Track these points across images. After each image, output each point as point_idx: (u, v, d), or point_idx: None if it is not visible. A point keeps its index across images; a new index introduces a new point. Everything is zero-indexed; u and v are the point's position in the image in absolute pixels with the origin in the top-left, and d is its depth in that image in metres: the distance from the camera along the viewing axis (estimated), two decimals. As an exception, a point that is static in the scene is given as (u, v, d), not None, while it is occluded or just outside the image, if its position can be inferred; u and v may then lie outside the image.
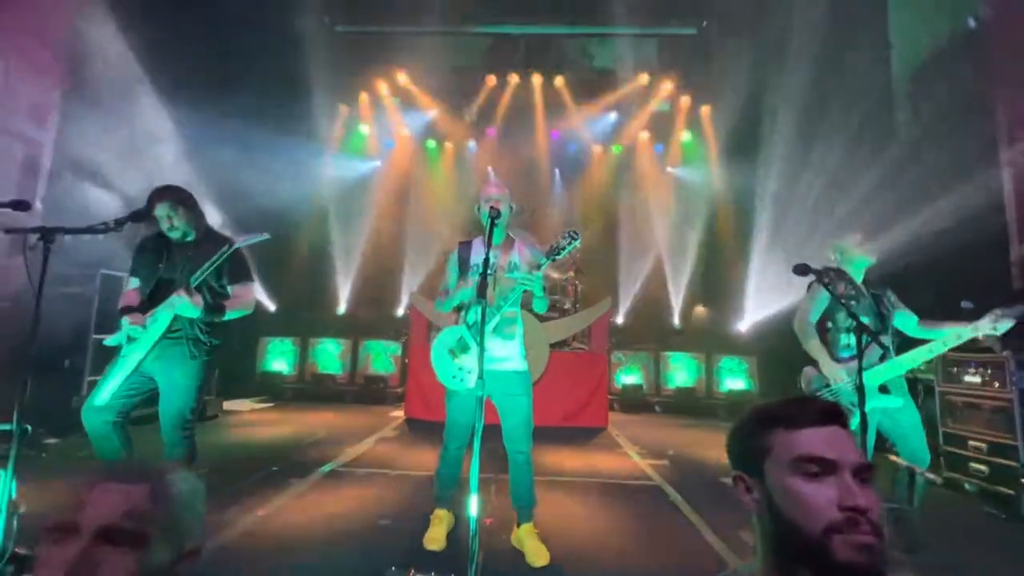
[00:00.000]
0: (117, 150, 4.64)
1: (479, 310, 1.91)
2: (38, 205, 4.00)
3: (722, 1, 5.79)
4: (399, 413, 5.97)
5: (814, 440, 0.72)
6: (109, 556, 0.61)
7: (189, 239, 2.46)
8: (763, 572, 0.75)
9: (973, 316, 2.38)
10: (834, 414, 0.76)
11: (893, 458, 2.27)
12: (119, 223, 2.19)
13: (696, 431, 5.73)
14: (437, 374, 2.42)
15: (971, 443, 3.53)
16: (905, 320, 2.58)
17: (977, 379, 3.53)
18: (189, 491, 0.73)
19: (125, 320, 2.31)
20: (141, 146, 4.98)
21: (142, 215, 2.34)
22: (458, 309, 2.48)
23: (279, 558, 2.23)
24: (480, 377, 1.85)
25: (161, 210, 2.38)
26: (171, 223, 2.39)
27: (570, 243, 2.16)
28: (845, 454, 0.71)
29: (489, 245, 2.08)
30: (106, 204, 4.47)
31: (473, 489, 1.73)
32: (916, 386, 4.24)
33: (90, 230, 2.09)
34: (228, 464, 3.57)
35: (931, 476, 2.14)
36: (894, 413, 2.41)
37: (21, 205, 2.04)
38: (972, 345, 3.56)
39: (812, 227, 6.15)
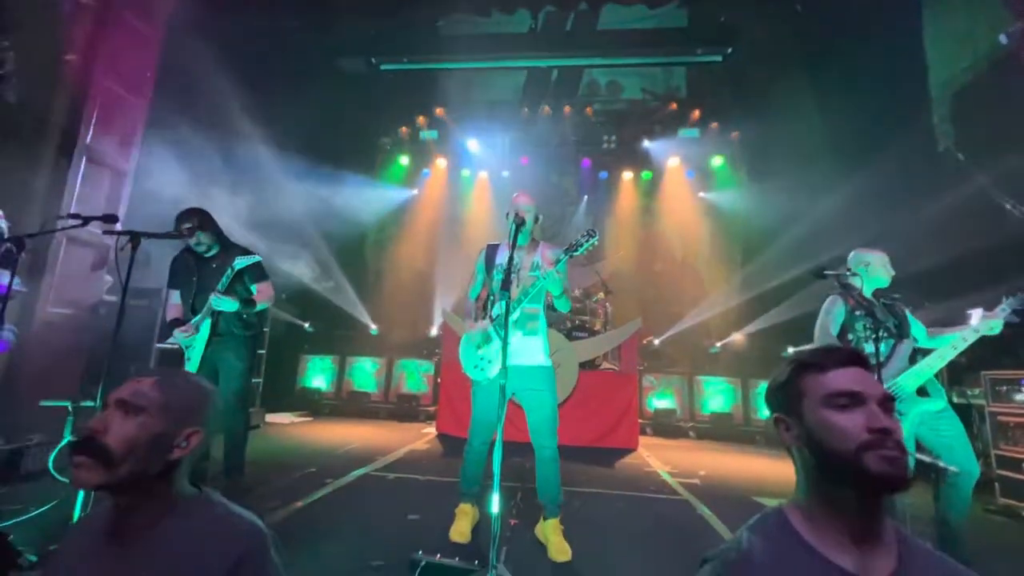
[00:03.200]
0: (186, 181, 5.18)
1: (503, 304, 2.07)
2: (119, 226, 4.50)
3: (747, 28, 5.96)
4: (431, 429, 6.09)
5: (841, 378, 0.83)
6: (118, 420, 0.89)
7: (213, 252, 2.96)
8: (807, 499, 0.83)
9: (1018, 331, 2.34)
10: (857, 357, 0.87)
11: (921, 456, 2.20)
12: (191, 231, 2.58)
13: (731, 456, 5.56)
14: (463, 366, 2.55)
15: (1026, 466, 3.32)
16: (916, 330, 2.53)
17: (1029, 397, 3.35)
18: (191, 389, 0.99)
19: (177, 332, 2.83)
20: (206, 178, 5.50)
21: (194, 227, 2.77)
22: (484, 307, 2.64)
23: (316, 542, 2.37)
24: (504, 367, 1.98)
25: (188, 228, 2.86)
26: (198, 239, 2.89)
27: (588, 240, 2.29)
28: (869, 387, 0.82)
29: (513, 247, 2.25)
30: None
31: (496, 466, 1.83)
32: (968, 411, 4.04)
33: (168, 235, 2.41)
34: (270, 466, 3.77)
35: (952, 468, 2.06)
36: (935, 421, 2.34)
37: (110, 219, 2.39)
38: (1022, 363, 3.44)
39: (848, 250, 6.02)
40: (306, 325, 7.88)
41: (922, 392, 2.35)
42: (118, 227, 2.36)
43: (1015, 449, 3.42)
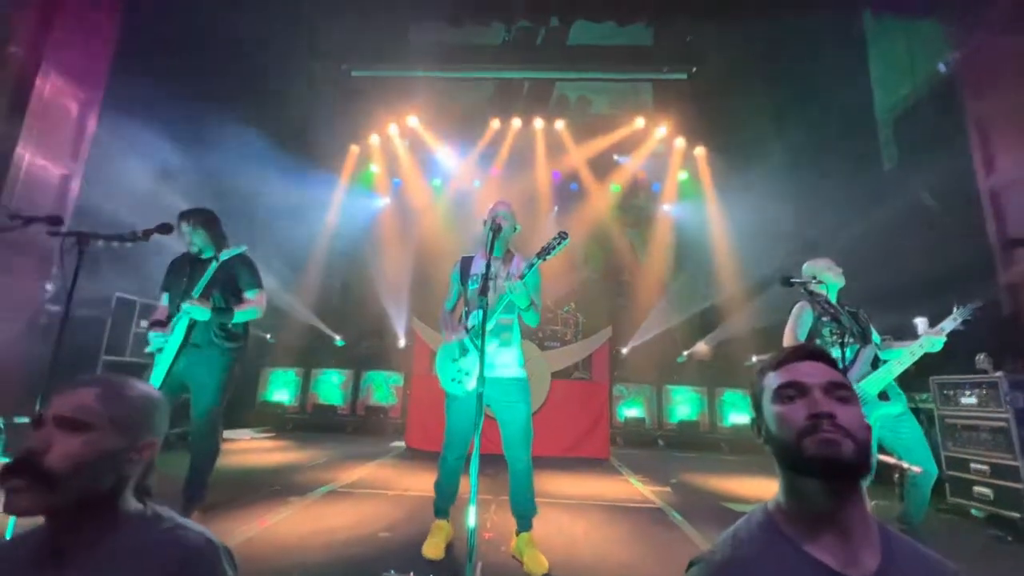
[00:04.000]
0: (138, 184, 4.91)
1: (479, 314, 2.02)
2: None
3: (711, 48, 6.22)
4: (400, 443, 5.93)
5: (789, 372, 0.85)
6: (60, 438, 0.79)
7: (207, 255, 2.74)
8: (784, 496, 0.84)
9: (965, 339, 2.49)
10: (811, 352, 0.87)
11: (883, 457, 2.30)
12: (146, 234, 2.37)
13: (700, 463, 5.66)
14: (439, 379, 2.50)
15: (973, 465, 3.51)
16: (874, 338, 2.67)
17: (974, 400, 3.56)
18: (143, 399, 0.90)
19: (151, 333, 2.59)
20: (160, 180, 5.24)
21: (166, 229, 2.53)
22: (461, 317, 2.59)
23: (281, 562, 2.23)
24: (480, 375, 1.94)
25: (184, 227, 2.73)
26: (190, 239, 2.73)
27: (559, 243, 2.29)
28: (815, 377, 0.83)
29: (490, 253, 2.22)
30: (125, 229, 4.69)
31: (473, 478, 1.78)
32: (918, 415, 4.25)
33: (119, 237, 2.25)
34: (230, 485, 3.55)
35: (915, 469, 2.16)
36: (895, 424, 2.45)
37: (55, 220, 2.22)
38: (967, 367, 3.66)
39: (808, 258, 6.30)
40: (267, 336, 7.57)
41: (883, 396, 2.46)
42: (63, 228, 2.18)
43: (963, 450, 3.62)
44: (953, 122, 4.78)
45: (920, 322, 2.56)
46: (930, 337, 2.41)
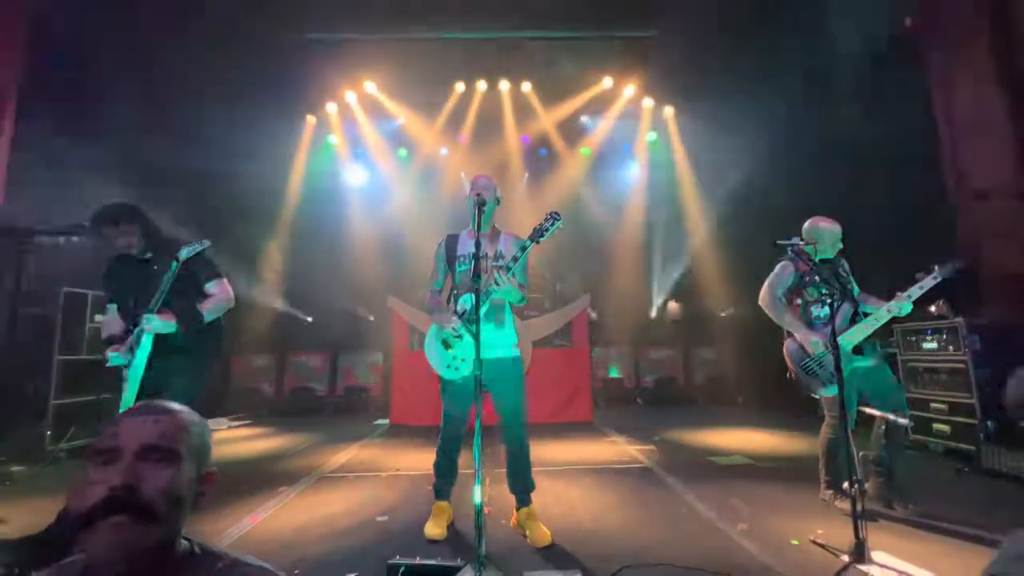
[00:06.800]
0: (78, 164, 4.47)
1: (470, 298, 1.95)
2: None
3: (674, 4, 6.05)
4: (384, 421, 5.89)
5: None
6: (149, 472, 0.72)
7: (148, 255, 2.48)
8: None
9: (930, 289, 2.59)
10: None
11: (868, 409, 2.42)
12: (95, 223, 2.16)
13: (678, 417, 5.87)
14: (433, 366, 2.43)
15: (933, 405, 3.77)
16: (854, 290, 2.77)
17: (934, 345, 3.78)
18: (200, 423, 0.85)
19: (110, 352, 2.38)
20: (93, 172, 4.81)
21: (111, 220, 2.32)
22: (448, 300, 2.51)
23: (280, 558, 2.18)
24: (477, 357, 1.89)
25: (110, 230, 2.38)
26: (126, 241, 2.41)
27: (552, 224, 2.23)
28: None
29: (478, 230, 2.13)
30: (65, 219, 4.30)
31: (476, 459, 1.75)
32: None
33: (65, 232, 2.04)
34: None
35: (903, 421, 2.29)
36: (869, 375, 2.59)
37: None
38: (928, 314, 3.86)
39: (778, 213, 6.45)
40: (308, 319, 7.26)
41: (857, 350, 2.56)
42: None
43: (923, 391, 3.87)
44: (916, 76, 4.86)
45: (920, 276, 2.60)
46: (900, 302, 2.51)
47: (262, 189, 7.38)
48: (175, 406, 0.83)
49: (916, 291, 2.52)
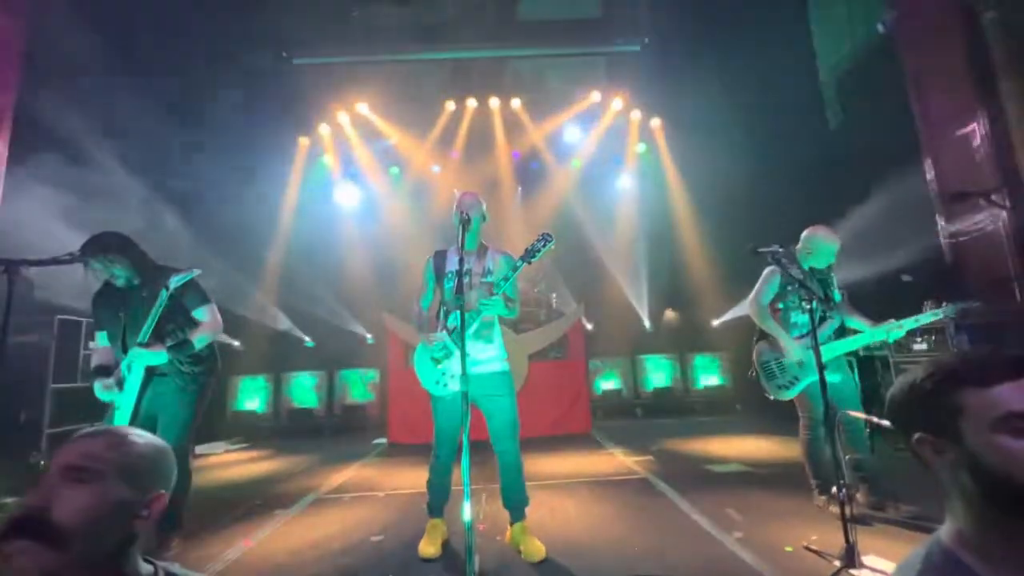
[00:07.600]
0: (71, 193, 4.52)
1: (458, 314, 1.98)
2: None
3: (660, 19, 6.21)
4: (382, 440, 5.86)
5: (1016, 397, 0.68)
6: (68, 488, 0.73)
7: (136, 283, 2.44)
8: (977, 533, 0.71)
9: (913, 288, 2.64)
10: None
11: (852, 413, 2.44)
12: (84, 253, 2.19)
13: (678, 428, 5.86)
14: (421, 381, 2.45)
15: (926, 406, 3.77)
16: (838, 298, 2.81)
17: (924, 346, 3.81)
18: (150, 448, 0.84)
19: (98, 384, 2.33)
20: (92, 191, 4.86)
21: (101, 248, 2.34)
22: (438, 316, 2.53)
23: (271, 583, 2.17)
24: (463, 373, 1.90)
25: (97, 263, 2.35)
26: (112, 273, 2.39)
27: (544, 244, 2.27)
28: None
29: (463, 247, 2.17)
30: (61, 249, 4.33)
31: (465, 477, 1.75)
32: (874, 363, 4.53)
33: (55, 261, 2.06)
34: (207, 504, 3.41)
35: (884, 423, 2.29)
36: (834, 389, 2.62)
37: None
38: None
39: (766, 224, 6.51)
40: (235, 343, 7.25)
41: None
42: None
43: (916, 393, 3.88)
44: (893, 80, 4.97)
45: (927, 306, 2.62)
46: (892, 329, 2.54)
47: (257, 210, 7.44)
48: (125, 430, 0.83)
49: (911, 323, 2.55)
